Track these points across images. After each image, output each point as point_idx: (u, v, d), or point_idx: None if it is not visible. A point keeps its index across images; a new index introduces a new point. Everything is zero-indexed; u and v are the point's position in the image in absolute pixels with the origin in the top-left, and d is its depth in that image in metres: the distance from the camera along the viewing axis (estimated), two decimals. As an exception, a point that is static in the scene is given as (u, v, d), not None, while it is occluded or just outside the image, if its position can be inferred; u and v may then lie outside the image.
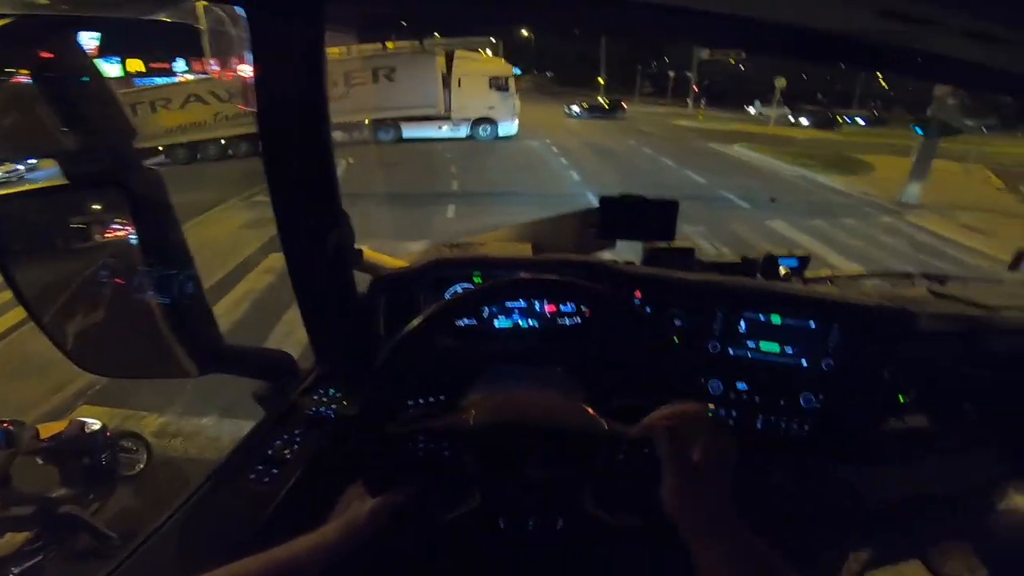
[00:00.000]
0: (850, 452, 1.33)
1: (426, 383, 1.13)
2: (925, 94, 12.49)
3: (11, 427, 2.79)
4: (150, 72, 24.82)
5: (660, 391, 0.80)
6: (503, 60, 16.51)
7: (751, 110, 30.09)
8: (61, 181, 0.79)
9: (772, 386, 1.23)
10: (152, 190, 0.82)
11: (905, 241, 8.40)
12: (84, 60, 0.74)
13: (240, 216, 9.21)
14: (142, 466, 3.41)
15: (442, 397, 1.11)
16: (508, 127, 15.80)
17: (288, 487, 0.91)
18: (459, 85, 15.06)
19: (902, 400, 1.31)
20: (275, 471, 0.93)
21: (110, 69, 19.97)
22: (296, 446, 0.98)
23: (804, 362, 1.22)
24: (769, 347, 1.23)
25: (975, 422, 1.37)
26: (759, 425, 1.24)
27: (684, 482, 0.61)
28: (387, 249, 1.36)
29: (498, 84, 15.37)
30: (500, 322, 1.26)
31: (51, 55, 0.71)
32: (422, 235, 6.45)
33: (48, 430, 3.01)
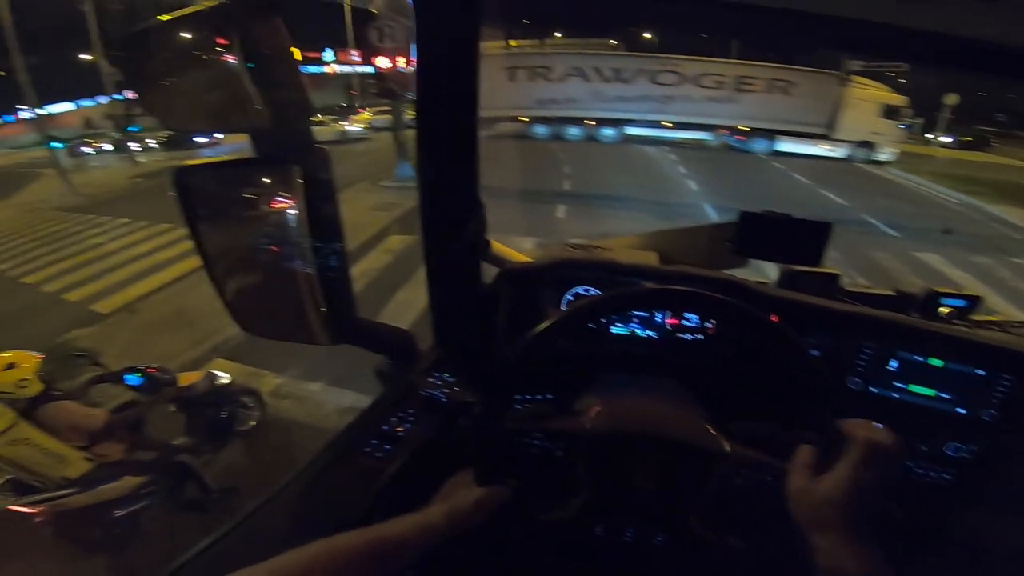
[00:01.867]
0: (996, 502, 1.21)
1: (534, 380, 1.11)
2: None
3: (157, 373, 3.13)
4: (305, 61, 27.65)
5: (789, 421, 0.79)
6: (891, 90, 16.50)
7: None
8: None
9: (915, 431, 1.15)
10: (321, 169, 0.87)
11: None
12: (285, 42, 0.80)
13: (368, 198, 10.02)
14: (254, 423, 3.74)
15: (549, 396, 1.10)
16: (886, 154, 15.81)
17: (397, 466, 0.93)
18: (851, 107, 15.40)
19: None
20: (388, 448, 0.96)
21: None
22: (409, 426, 1.01)
23: (961, 410, 1.14)
24: (921, 391, 1.15)
25: None
26: None
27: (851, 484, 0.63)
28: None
29: (891, 111, 15.48)
30: (617, 328, 1.23)
31: (258, 36, 0.76)
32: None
33: (186, 379, 3.35)
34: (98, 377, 3.09)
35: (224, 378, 3.52)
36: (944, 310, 1.35)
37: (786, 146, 15.30)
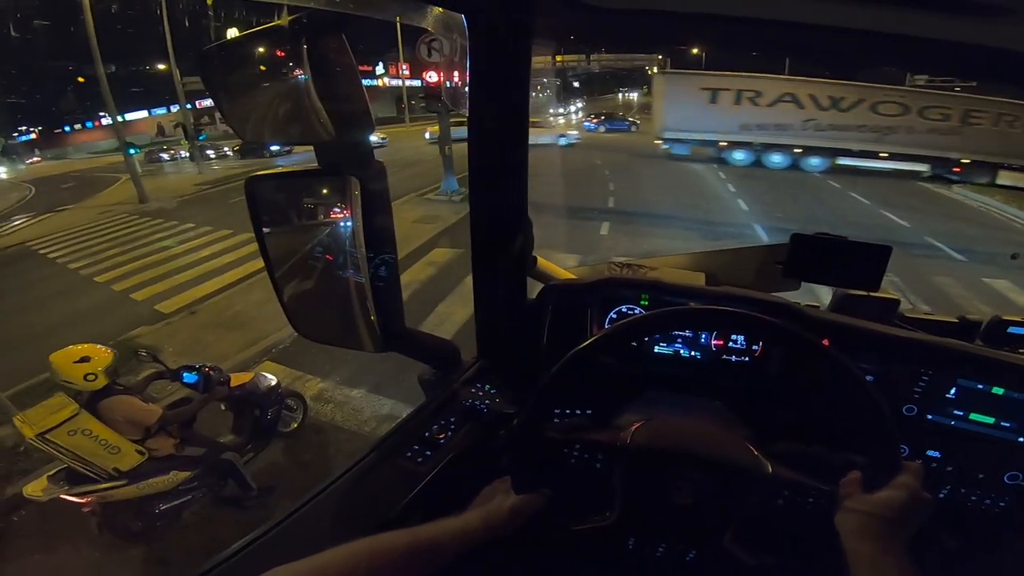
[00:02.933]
0: None
1: (575, 395, 1.13)
2: None
3: (211, 372, 3.28)
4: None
5: (837, 445, 0.80)
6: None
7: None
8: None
9: (973, 458, 1.13)
10: (378, 182, 0.90)
11: None
12: (350, 59, 0.83)
13: (414, 211, 10.25)
14: (296, 425, 3.85)
15: (588, 411, 1.11)
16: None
17: (436, 471, 0.95)
18: None
19: None
20: (428, 453, 0.98)
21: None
22: (450, 433, 1.03)
23: (1022, 439, 1.11)
24: (981, 419, 1.12)
25: None
26: (942, 494, 1.15)
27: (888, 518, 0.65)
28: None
29: None
30: (660, 348, 1.22)
31: (326, 53, 0.80)
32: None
33: (237, 379, 3.48)
34: (158, 374, 3.26)
35: (272, 380, 3.64)
36: (1010, 338, 1.29)
37: (1008, 180, 14.16)
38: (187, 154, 22.95)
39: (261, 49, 0.86)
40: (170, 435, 3.05)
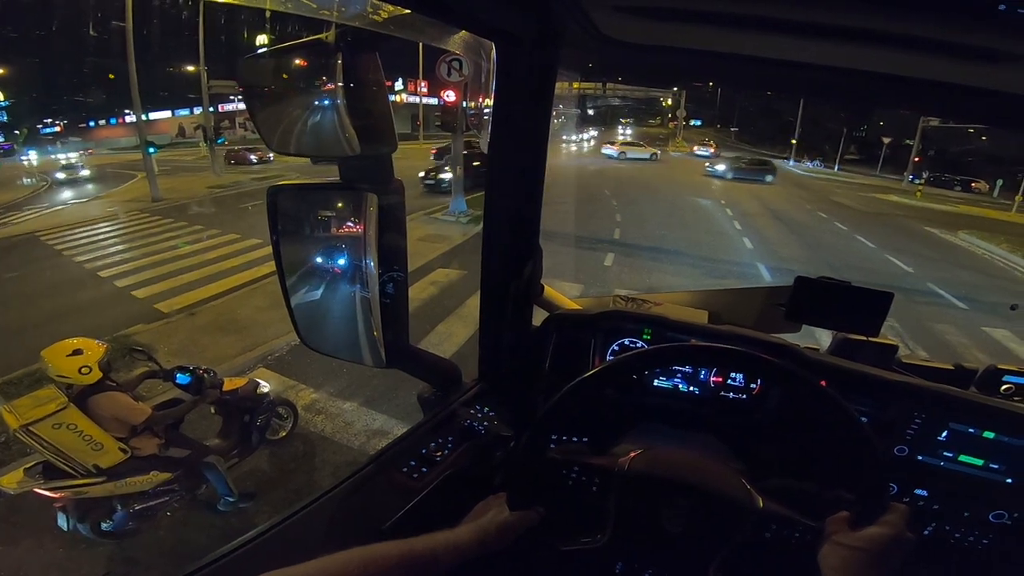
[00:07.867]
0: None
1: (572, 423, 1.14)
2: None
3: (205, 374, 3.23)
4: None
5: (828, 483, 0.82)
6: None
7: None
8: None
9: (959, 497, 1.16)
10: (396, 199, 0.91)
11: None
12: (381, 79, 0.85)
13: (419, 230, 10.28)
14: (284, 434, 3.79)
15: (584, 439, 1.12)
16: None
17: (432, 486, 0.97)
18: None
19: None
20: (424, 469, 1.00)
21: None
22: (447, 451, 1.05)
23: (1009, 480, 1.14)
24: (970, 460, 1.15)
25: None
26: (926, 531, 1.17)
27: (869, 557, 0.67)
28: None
29: None
30: (660, 381, 1.24)
31: (359, 70, 0.82)
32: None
33: (230, 384, 3.44)
34: (150, 372, 3.22)
35: (265, 387, 3.60)
36: (1005, 387, 1.32)
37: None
38: (272, 157, 23.63)
39: (299, 61, 0.88)
40: (155, 435, 2.99)
